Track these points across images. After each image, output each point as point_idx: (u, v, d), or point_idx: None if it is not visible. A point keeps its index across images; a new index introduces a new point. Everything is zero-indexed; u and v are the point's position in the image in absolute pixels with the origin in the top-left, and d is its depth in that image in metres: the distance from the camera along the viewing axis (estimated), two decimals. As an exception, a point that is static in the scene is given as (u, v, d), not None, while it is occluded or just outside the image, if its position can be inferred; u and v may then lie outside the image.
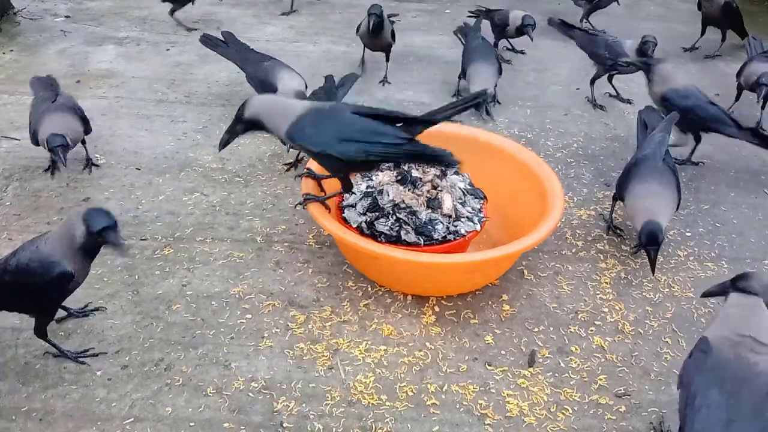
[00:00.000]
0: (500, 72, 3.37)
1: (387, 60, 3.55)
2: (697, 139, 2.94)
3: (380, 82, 3.56)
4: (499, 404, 1.92)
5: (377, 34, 3.37)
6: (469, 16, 3.92)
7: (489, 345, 2.11)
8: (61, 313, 2.06)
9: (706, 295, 2.03)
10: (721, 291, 2.04)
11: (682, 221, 2.68)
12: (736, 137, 2.86)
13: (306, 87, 2.99)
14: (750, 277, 1.98)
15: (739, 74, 3.32)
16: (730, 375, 1.54)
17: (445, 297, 2.26)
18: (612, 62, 3.31)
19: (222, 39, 3.32)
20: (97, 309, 2.15)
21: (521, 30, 3.62)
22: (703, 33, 4.07)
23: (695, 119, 2.86)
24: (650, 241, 2.25)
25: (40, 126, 2.62)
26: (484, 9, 3.86)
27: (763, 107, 3.16)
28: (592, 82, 3.46)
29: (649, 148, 2.51)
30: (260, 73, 3.07)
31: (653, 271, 2.31)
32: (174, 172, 2.84)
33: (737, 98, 3.37)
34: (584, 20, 4.27)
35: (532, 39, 3.60)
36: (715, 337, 1.64)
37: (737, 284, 2.00)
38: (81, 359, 1.98)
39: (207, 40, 3.34)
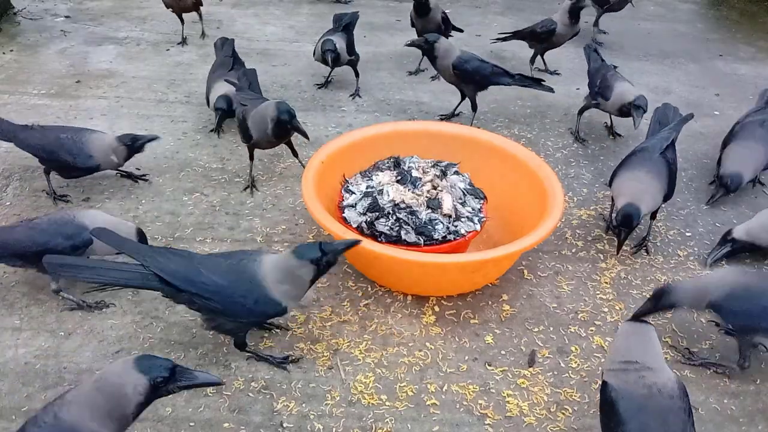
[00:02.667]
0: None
1: (357, 76, 3.51)
2: (474, 103, 3.18)
3: (351, 96, 3.50)
4: (499, 404, 1.92)
5: (333, 66, 3.38)
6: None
7: (489, 345, 2.11)
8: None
9: (637, 317, 2.04)
10: (649, 309, 2.05)
11: (682, 221, 2.68)
12: (510, 84, 3.12)
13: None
14: (670, 291, 2.00)
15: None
16: (637, 406, 1.57)
17: (445, 297, 2.26)
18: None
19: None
20: None
21: (625, 110, 2.93)
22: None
23: (480, 77, 3.11)
24: (624, 222, 2.30)
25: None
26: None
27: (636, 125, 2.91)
28: (580, 112, 3.22)
29: (650, 141, 2.53)
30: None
31: (618, 252, 2.41)
32: (174, 172, 2.84)
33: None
34: (596, 26, 4.23)
35: (636, 126, 2.84)
36: (610, 375, 1.66)
37: (657, 298, 2.01)
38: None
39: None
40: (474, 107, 3.19)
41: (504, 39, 3.79)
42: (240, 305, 1.84)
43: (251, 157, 2.74)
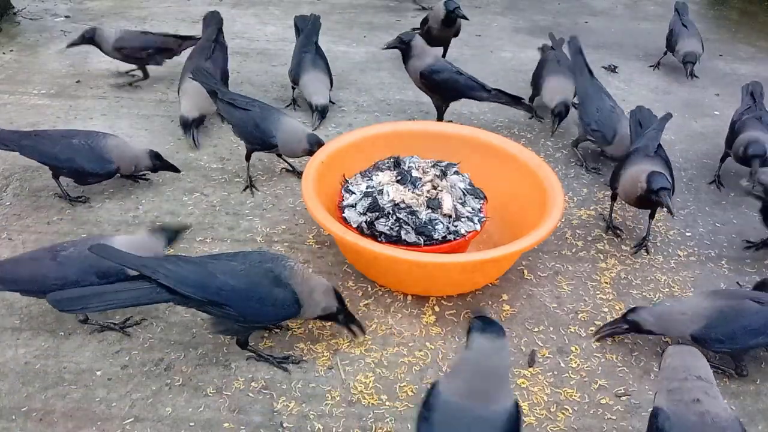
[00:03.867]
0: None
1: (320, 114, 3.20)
2: (441, 113, 3.11)
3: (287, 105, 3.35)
4: (499, 404, 1.91)
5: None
6: None
7: (489, 345, 2.10)
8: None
9: (598, 335, 2.10)
10: (612, 330, 2.09)
11: (682, 221, 2.68)
12: (487, 100, 3.03)
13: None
14: (640, 311, 2.03)
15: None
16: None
17: (445, 297, 2.26)
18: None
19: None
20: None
21: (745, 158, 2.68)
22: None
23: (452, 90, 3.03)
24: (659, 186, 2.26)
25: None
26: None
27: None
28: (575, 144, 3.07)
29: (641, 141, 2.54)
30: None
31: (672, 213, 2.33)
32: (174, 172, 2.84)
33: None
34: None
35: (753, 182, 2.57)
36: (662, 398, 1.56)
37: (628, 318, 2.04)
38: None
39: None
40: (440, 116, 3.11)
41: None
42: (255, 308, 1.85)
43: (248, 158, 2.74)
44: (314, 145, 2.58)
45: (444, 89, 3.04)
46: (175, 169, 2.72)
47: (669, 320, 2.01)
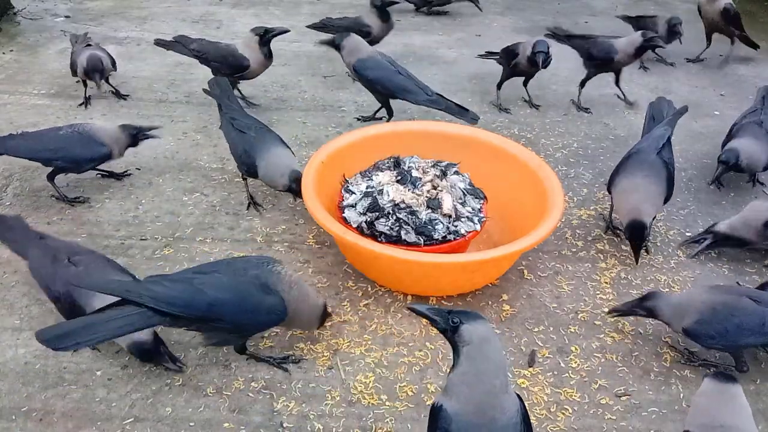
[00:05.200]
0: None
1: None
2: (388, 109, 3.03)
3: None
4: (499, 404, 1.91)
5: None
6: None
7: (489, 345, 2.10)
8: None
9: (614, 311, 2.11)
10: (629, 310, 2.09)
11: (682, 221, 2.68)
12: (423, 104, 2.91)
13: None
14: (657, 297, 2.03)
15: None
16: None
17: (445, 297, 2.26)
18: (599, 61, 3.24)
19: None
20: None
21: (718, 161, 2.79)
22: (709, 43, 4.00)
23: (382, 89, 2.93)
24: (634, 237, 2.33)
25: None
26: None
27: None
28: (582, 84, 3.39)
29: (645, 142, 2.53)
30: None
31: (636, 261, 2.40)
32: (174, 172, 2.84)
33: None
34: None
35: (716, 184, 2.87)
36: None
37: (644, 304, 2.03)
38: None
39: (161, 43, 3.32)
40: (388, 112, 3.05)
41: (558, 38, 3.46)
42: (249, 318, 1.84)
43: (244, 177, 2.65)
44: (293, 182, 2.40)
45: (374, 87, 2.97)
46: (154, 128, 2.75)
47: (676, 313, 2.00)
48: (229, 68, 3.12)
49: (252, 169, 2.52)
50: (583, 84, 3.38)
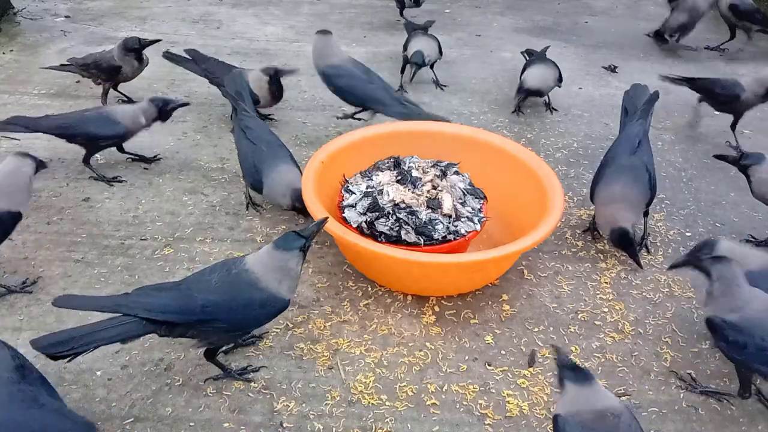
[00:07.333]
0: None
1: None
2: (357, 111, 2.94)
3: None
4: (499, 404, 1.92)
5: None
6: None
7: (489, 345, 2.10)
8: None
9: (674, 266, 2.10)
10: (687, 261, 2.05)
11: (682, 221, 2.68)
12: (393, 116, 2.81)
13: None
14: (713, 245, 2.02)
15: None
16: None
17: (445, 297, 2.26)
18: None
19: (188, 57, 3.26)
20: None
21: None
22: (732, 36, 4.03)
23: (352, 97, 2.84)
24: (622, 245, 2.35)
25: None
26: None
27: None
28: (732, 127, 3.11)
29: (620, 144, 2.52)
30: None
31: (639, 266, 2.39)
32: (174, 172, 2.84)
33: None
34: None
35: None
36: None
37: (701, 252, 2.02)
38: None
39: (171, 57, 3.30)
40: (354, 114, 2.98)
41: (674, 81, 3.24)
42: (243, 315, 1.81)
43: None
44: (296, 201, 2.37)
45: (343, 94, 2.86)
46: (186, 103, 2.91)
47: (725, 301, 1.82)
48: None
49: (258, 185, 2.51)
50: (733, 127, 3.12)
